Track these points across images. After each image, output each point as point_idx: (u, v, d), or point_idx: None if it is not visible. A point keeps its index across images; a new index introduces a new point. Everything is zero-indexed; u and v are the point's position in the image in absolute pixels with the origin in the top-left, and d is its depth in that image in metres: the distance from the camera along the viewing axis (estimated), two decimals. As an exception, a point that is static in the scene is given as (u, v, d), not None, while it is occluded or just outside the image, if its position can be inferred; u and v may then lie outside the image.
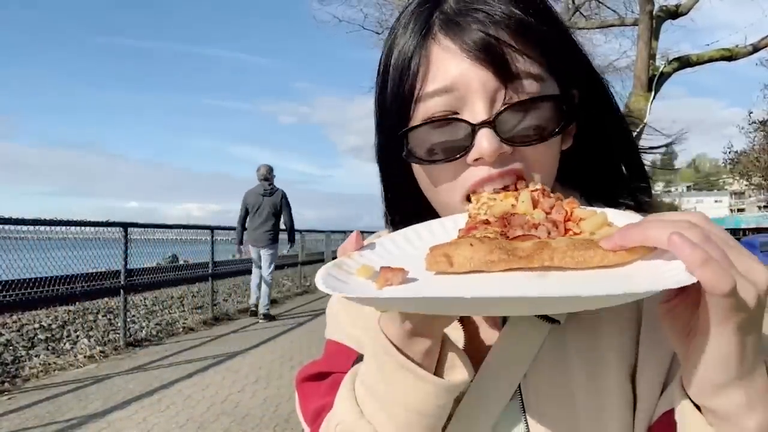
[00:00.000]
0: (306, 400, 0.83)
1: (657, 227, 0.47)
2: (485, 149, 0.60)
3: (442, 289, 0.51)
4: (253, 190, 8.83)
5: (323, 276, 0.54)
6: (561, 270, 0.50)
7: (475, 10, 0.62)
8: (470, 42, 0.60)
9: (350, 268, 0.57)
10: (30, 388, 5.27)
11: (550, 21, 0.65)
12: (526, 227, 0.56)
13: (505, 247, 0.51)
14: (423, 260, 0.56)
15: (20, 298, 6.54)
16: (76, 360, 6.25)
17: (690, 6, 10.91)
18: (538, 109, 0.62)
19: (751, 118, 31.31)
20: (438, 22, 0.64)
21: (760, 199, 63.26)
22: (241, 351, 6.88)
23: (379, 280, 0.52)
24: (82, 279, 7.49)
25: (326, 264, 0.58)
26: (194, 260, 11.28)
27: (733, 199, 77.87)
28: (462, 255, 0.52)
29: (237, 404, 4.82)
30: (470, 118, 0.61)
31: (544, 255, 0.50)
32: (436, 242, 0.59)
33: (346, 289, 0.52)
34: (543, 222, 0.57)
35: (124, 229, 7.60)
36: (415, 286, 0.53)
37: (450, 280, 0.52)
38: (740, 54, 10.85)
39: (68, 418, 4.40)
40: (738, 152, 36.30)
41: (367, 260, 0.60)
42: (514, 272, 0.51)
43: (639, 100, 9.74)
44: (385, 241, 0.65)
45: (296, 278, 14.77)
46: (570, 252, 0.50)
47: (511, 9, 0.62)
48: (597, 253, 0.50)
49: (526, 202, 0.59)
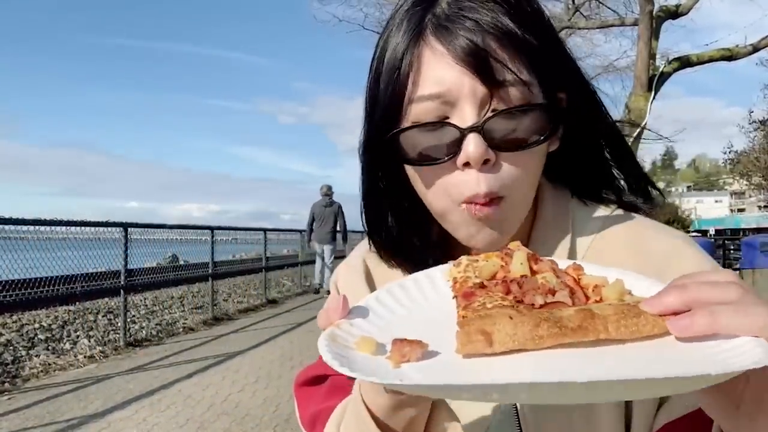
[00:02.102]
0: (304, 405, 0.83)
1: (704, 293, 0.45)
2: (472, 154, 0.61)
3: (491, 372, 0.43)
4: (318, 203, 12.10)
5: (331, 354, 0.47)
6: (614, 343, 0.45)
7: (465, 18, 0.62)
8: (459, 48, 0.61)
9: (346, 341, 0.50)
10: (30, 388, 5.27)
11: (540, 29, 0.65)
12: (542, 292, 0.50)
13: (551, 319, 0.45)
14: (420, 324, 0.51)
15: (20, 298, 6.53)
16: (76, 360, 6.25)
17: (690, 6, 10.90)
18: (525, 117, 0.62)
19: (751, 118, 31.35)
20: (430, 26, 0.64)
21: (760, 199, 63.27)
22: (241, 351, 6.88)
23: (393, 356, 0.46)
24: (82, 279, 7.48)
25: (321, 336, 0.51)
26: (194, 260, 11.28)
27: (733, 199, 77.89)
28: (503, 331, 0.44)
29: (237, 404, 4.82)
30: (459, 123, 0.62)
31: (597, 325, 0.44)
32: (428, 301, 0.55)
33: (363, 370, 0.45)
34: (559, 287, 0.51)
35: (124, 229, 7.59)
36: (442, 364, 0.46)
37: (482, 359, 0.45)
38: (740, 54, 10.84)
39: (68, 418, 4.40)
40: (738, 152, 36.33)
41: (360, 330, 0.53)
42: (565, 348, 0.44)
43: (639, 100, 9.74)
44: (371, 303, 0.58)
45: (296, 278, 14.78)
46: (623, 321, 0.45)
47: (500, 17, 0.62)
48: (647, 320, 0.45)
49: (524, 264, 0.54)
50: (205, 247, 10.48)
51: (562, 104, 0.69)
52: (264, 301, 11.49)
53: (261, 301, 11.47)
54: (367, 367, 0.45)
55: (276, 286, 13.50)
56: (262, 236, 12.88)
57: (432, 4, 0.65)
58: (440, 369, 0.45)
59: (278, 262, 15.24)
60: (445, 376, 0.43)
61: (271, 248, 14.00)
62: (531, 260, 0.55)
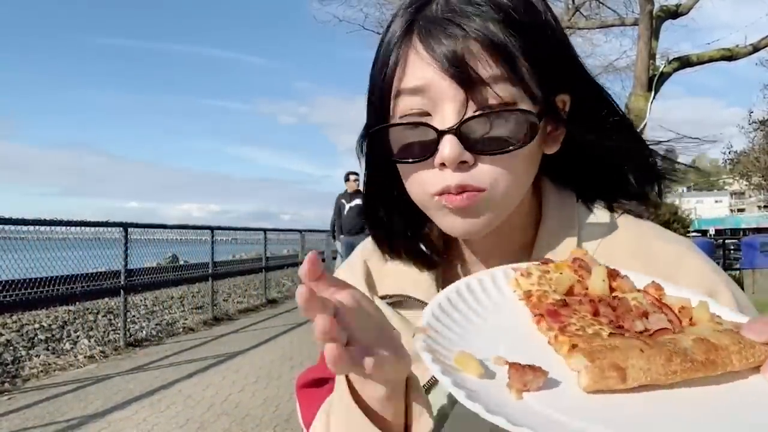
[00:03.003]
0: (305, 407, 0.83)
1: None
2: (446, 155, 0.62)
3: (636, 417, 0.40)
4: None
5: (451, 381, 0.43)
6: (738, 377, 0.44)
7: (450, 22, 0.62)
8: (440, 53, 0.62)
9: (447, 358, 0.47)
10: (30, 388, 5.27)
11: (534, 33, 0.64)
12: (636, 314, 0.48)
13: (679, 351, 0.43)
14: (499, 335, 0.49)
15: (20, 298, 6.52)
16: (76, 360, 6.25)
17: (690, 6, 10.90)
18: (501, 121, 0.62)
19: (751, 118, 31.33)
20: (417, 28, 0.65)
21: (760, 199, 63.29)
22: (241, 351, 6.88)
23: (514, 385, 0.43)
24: (82, 279, 7.48)
25: (422, 351, 0.47)
26: (194, 260, 11.29)
27: (733, 199, 77.85)
28: (636, 366, 0.42)
29: (237, 404, 4.82)
30: (438, 124, 0.63)
31: (723, 358, 0.43)
32: (499, 309, 0.53)
33: (491, 404, 0.41)
34: (651, 309, 0.49)
35: (124, 229, 7.59)
36: (569, 399, 0.43)
37: (612, 395, 0.43)
38: (740, 54, 10.84)
39: (68, 418, 4.39)
40: (738, 152, 36.32)
41: (448, 342, 0.49)
42: (696, 385, 0.43)
43: (639, 100, 9.74)
44: (444, 305, 0.54)
45: (296, 278, 14.76)
46: (743, 352, 0.43)
47: (487, 23, 0.62)
48: (760, 349, 0.44)
49: (606, 281, 0.51)
50: (205, 247, 10.48)
51: (564, 108, 0.68)
52: (264, 301, 11.49)
53: (261, 301, 11.47)
54: (491, 399, 0.42)
55: (276, 286, 13.49)
56: (262, 236, 12.88)
57: (424, 6, 0.66)
58: (573, 406, 0.42)
59: (278, 262, 15.23)
60: (590, 416, 0.40)
61: (271, 248, 14.00)
62: (609, 276, 0.53)
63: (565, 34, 0.71)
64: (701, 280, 0.66)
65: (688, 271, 0.67)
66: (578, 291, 0.53)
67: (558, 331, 0.47)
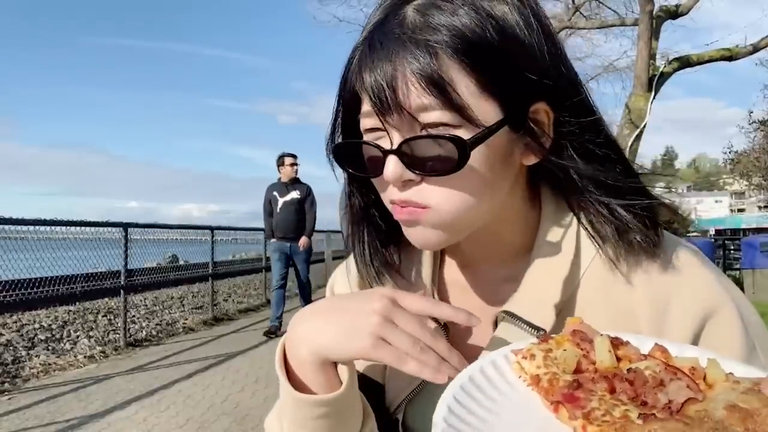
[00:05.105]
0: None
1: None
2: (388, 174, 0.63)
3: None
4: None
5: None
6: None
7: (386, 48, 0.61)
8: (370, 82, 0.62)
9: None
10: (30, 388, 5.27)
11: (492, 53, 0.62)
12: (653, 385, 0.45)
13: (719, 427, 0.40)
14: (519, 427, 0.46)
15: (20, 298, 6.52)
16: (76, 360, 6.25)
17: (690, 6, 10.90)
18: (437, 145, 0.61)
19: (751, 118, 31.33)
20: (368, 40, 0.64)
21: (760, 200, 63.25)
22: (241, 351, 6.88)
23: None
24: (82, 279, 7.49)
25: None
26: (194, 260, 11.29)
27: (733, 199, 77.80)
28: None
29: (237, 404, 4.82)
30: (386, 143, 0.64)
31: (761, 424, 0.40)
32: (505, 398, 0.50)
33: None
34: (666, 376, 0.46)
35: (124, 229, 7.59)
36: None
37: None
38: (740, 54, 10.84)
39: (68, 418, 4.40)
40: (738, 152, 36.31)
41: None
42: None
43: (639, 100, 9.73)
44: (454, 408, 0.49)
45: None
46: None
47: (430, 50, 0.60)
48: None
49: (612, 353, 0.49)
50: (205, 247, 10.48)
51: (548, 118, 0.66)
52: (264, 301, 11.48)
53: (261, 301, 11.46)
54: None
55: (276, 286, 13.48)
56: (262, 236, 12.87)
57: (384, 20, 0.64)
58: None
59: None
60: None
61: (271, 248, 13.98)
62: (612, 345, 0.50)
63: (553, 40, 0.66)
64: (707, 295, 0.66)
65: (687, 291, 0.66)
66: (585, 366, 0.50)
67: (584, 420, 0.43)
